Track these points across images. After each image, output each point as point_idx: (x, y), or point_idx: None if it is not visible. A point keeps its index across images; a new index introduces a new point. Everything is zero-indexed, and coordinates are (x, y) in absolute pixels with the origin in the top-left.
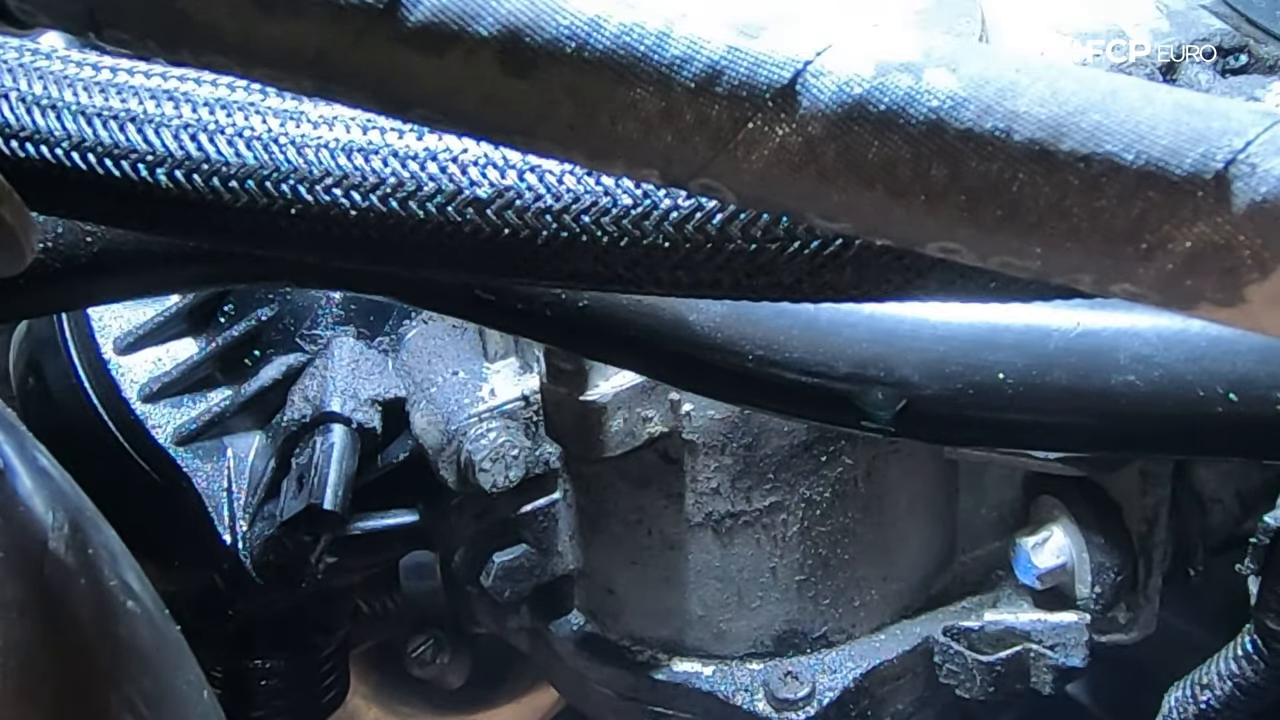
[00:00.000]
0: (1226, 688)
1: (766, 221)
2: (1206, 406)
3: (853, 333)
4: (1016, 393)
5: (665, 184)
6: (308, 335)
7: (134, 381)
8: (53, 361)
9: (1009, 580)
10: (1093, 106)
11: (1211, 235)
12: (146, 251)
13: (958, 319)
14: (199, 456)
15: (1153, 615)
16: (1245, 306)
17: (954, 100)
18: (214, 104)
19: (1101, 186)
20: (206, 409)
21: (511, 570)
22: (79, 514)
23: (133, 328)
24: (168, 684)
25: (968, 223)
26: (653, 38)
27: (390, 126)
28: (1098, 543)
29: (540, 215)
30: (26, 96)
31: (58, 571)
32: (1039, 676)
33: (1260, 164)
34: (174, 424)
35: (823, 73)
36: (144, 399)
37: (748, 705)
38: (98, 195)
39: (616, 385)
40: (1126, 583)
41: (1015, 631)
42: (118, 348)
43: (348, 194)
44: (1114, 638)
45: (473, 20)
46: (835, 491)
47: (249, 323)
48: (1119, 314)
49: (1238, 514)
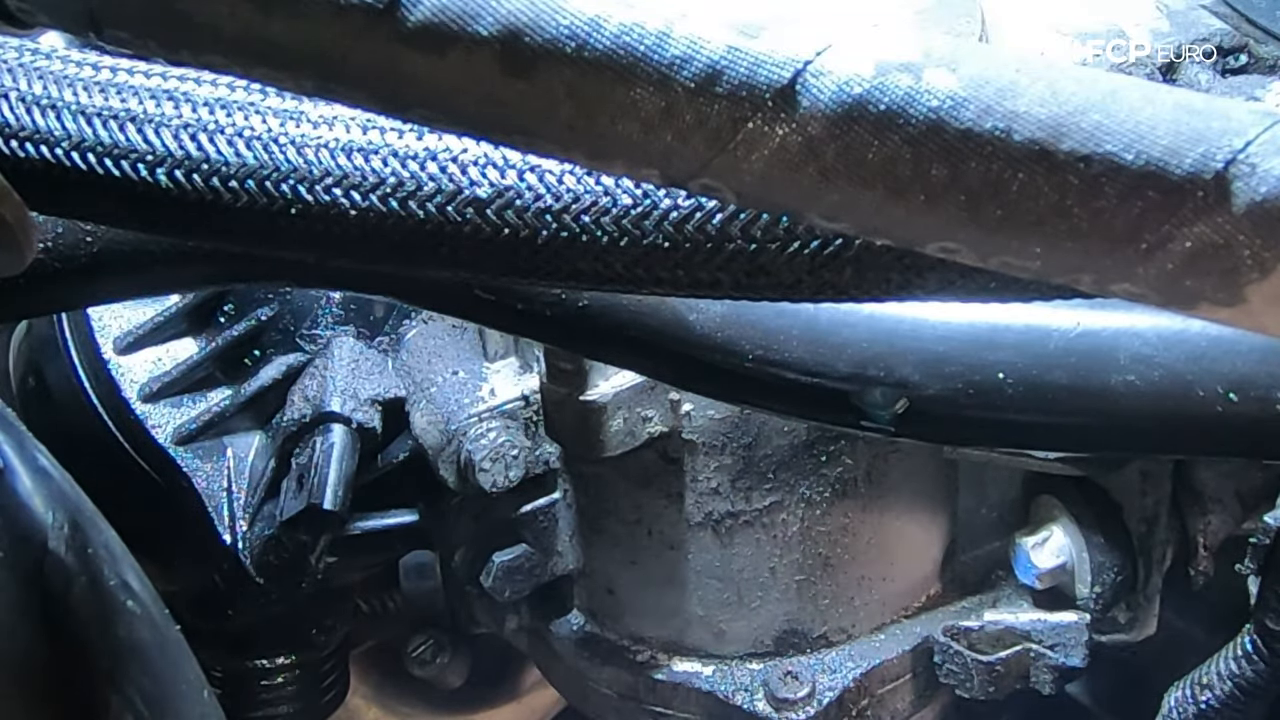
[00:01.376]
0: (1226, 688)
1: (766, 221)
2: (1206, 406)
3: (853, 333)
4: (1016, 393)
5: (665, 184)
6: (308, 335)
7: (134, 381)
8: (53, 361)
9: (1009, 580)
10: (1093, 106)
11: (1211, 235)
12: (146, 251)
13: (958, 319)
14: (199, 456)
15: (1153, 615)
16: (1245, 306)
17: (954, 100)
18: (214, 104)
19: (1101, 186)
20: (206, 409)
21: (511, 570)
22: (79, 514)
23: (133, 328)
24: (168, 684)
25: (968, 223)
26: (653, 38)
27: (390, 126)
28: (1098, 543)
29: (540, 215)
30: (26, 96)
31: (58, 571)
32: (1039, 676)
33: (1260, 164)
34: (174, 424)
35: (823, 73)
36: (144, 399)
37: (748, 705)
38: (98, 195)
39: (616, 385)
40: (1126, 583)
41: (1015, 631)
42: (118, 348)
43: (348, 194)
44: (1114, 638)
45: (473, 20)
46: (835, 491)
47: (249, 323)
48: (1119, 314)
49: (1238, 514)
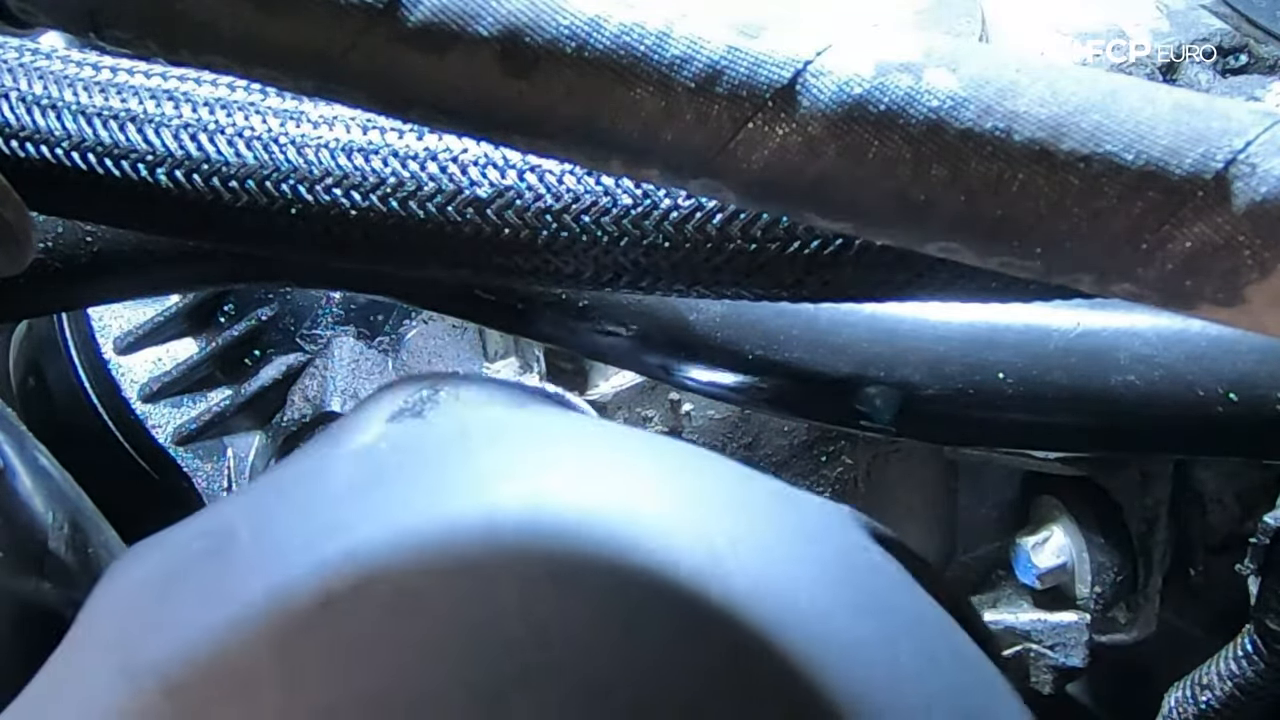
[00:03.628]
0: (1226, 688)
1: (766, 221)
2: (1206, 406)
3: (853, 333)
4: (1016, 393)
5: (665, 184)
6: (308, 335)
7: (134, 381)
8: (53, 361)
9: (1009, 580)
10: (1093, 106)
11: (1211, 235)
12: (146, 251)
13: (958, 319)
14: (199, 456)
15: (1153, 615)
16: (1245, 306)
17: (954, 100)
18: (214, 104)
19: (1101, 186)
20: (206, 409)
21: None
22: (79, 514)
23: (133, 328)
24: None
25: (968, 223)
26: (653, 38)
27: (390, 126)
28: (1098, 543)
29: (540, 215)
30: (26, 96)
31: (58, 571)
32: (1039, 676)
33: (1260, 164)
34: (174, 424)
35: (823, 72)
36: (144, 399)
37: None
38: (98, 195)
39: (616, 385)
40: (1126, 583)
41: (1015, 631)
42: (118, 348)
43: (348, 194)
44: (1114, 638)
45: (473, 20)
46: (835, 491)
47: (249, 323)
48: (1119, 314)
49: (1238, 514)
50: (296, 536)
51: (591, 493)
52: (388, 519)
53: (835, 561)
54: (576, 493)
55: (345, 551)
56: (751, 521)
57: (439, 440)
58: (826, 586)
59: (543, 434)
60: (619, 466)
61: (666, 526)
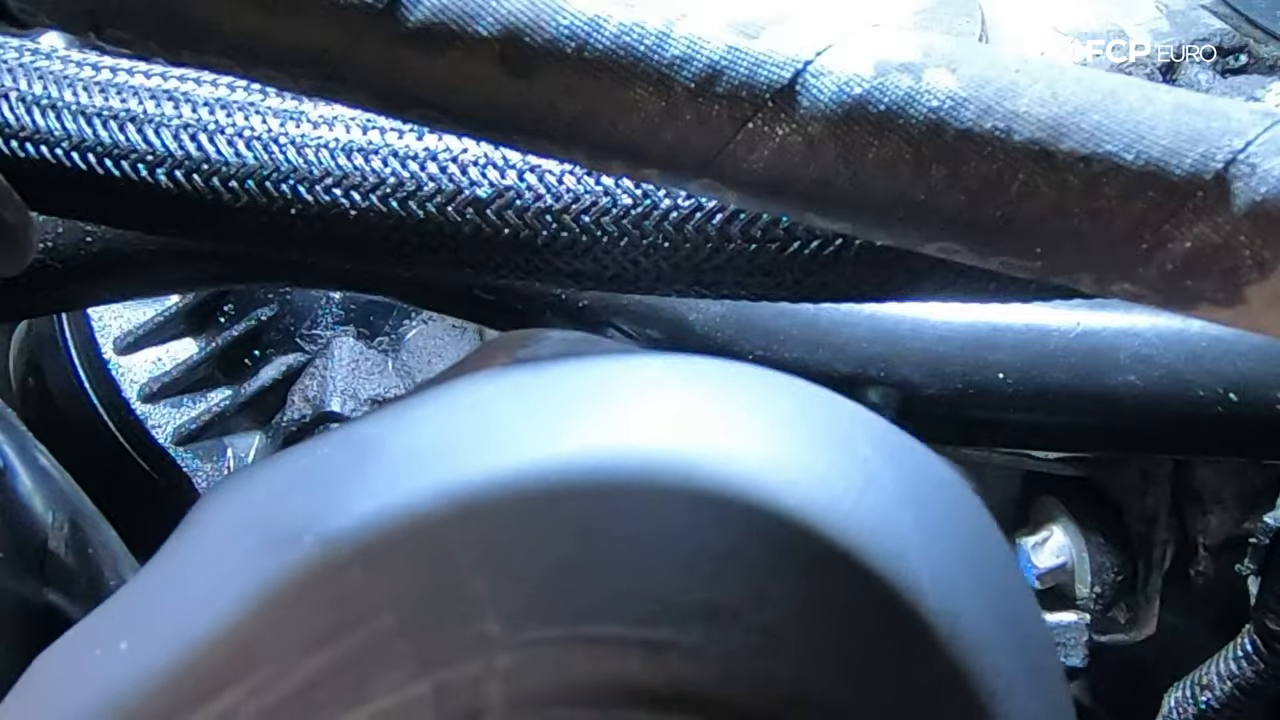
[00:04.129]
0: (1226, 688)
1: (766, 221)
2: (1206, 406)
3: (853, 333)
4: (1016, 393)
5: (665, 184)
6: (308, 335)
7: (134, 381)
8: (53, 361)
9: None
10: (1093, 106)
11: (1211, 235)
12: (146, 251)
13: (958, 319)
14: (199, 456)
15: (1153, 615)
16: (1245, 307)
17: (954, 100)
18: (214, 104)
19: (1101, 186)
20: (206, 409)
21: None
22: (79, 514)
23: (133, 328)
24: None
25: (968, 223)
26: (653, 38)
27: (390, 126)
28: (1098, 543)
29: (540, 215)
30: (26, 96)
31: (58, 571)
32: None
33: (1260, 164)
34: (174, 424)
35: (823, 73)
36: (144, 399)
37: None
38: (98, 195)
39: None
40: (1126, 583)
41: None
42: (118, 348)
43: (348, 194)
44: (1114, 638)
45: (473, 20)
46: None
47: (249, 323)
48: (1119, 314)
49: (1238, 514)
50: (472, 446)
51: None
52: (562, 441)
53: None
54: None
55: (532, 462)
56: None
57: (583, 381)
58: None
59: (680, 372)
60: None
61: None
